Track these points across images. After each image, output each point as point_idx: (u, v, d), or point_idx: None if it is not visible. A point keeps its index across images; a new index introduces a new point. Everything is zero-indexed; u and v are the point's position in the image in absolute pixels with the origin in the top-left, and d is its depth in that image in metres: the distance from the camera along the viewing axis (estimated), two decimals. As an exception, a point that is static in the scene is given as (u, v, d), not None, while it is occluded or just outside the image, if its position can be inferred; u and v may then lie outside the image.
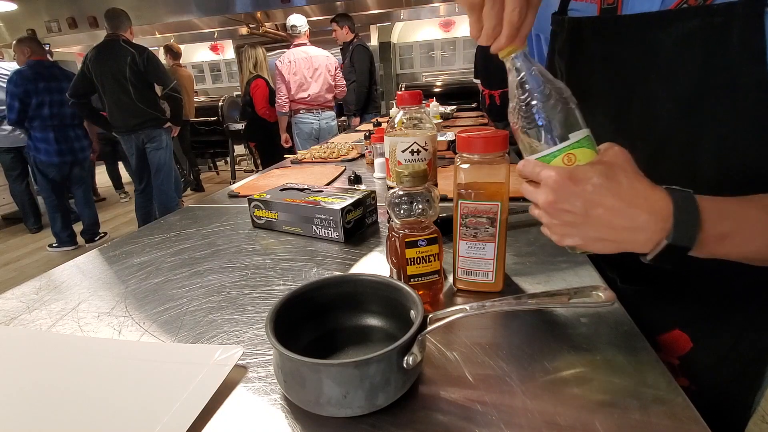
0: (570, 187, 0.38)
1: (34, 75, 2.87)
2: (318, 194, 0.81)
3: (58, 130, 3.00)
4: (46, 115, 2.93)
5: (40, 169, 3.09)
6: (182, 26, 5.31)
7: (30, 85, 2.85)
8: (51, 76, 2.93)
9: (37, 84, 2.87)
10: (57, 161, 3.04)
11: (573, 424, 0.33)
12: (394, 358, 0.35)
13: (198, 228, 0.87)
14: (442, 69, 6.99)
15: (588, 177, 0.38)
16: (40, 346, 0.49)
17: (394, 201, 0.49)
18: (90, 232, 3.34)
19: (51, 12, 4.83)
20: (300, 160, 1.54)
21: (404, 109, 0.67)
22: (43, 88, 2.89)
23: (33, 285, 0.66)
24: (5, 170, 3.61)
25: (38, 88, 2.87)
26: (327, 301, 0.45)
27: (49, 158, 3.02)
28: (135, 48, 2.68)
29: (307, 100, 3.13)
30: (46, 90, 2.89)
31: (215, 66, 8.01)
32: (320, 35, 3.34)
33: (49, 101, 2.91)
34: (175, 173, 3.18)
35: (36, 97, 2.88)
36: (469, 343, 0.44)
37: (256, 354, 0.45)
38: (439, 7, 5.31)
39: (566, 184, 0.38)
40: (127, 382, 0.41)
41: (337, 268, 0.65)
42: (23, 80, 2.83)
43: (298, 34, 3.07)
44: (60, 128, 3.00)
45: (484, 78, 1.24)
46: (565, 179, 0.38)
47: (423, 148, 0.64)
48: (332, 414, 0.35)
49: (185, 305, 0.57)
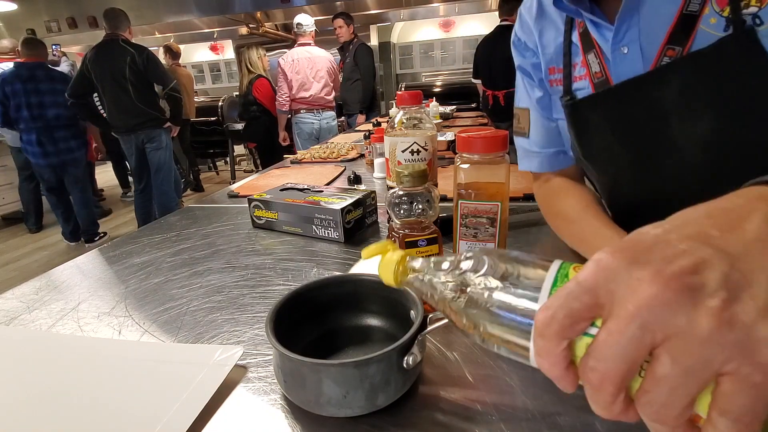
0: None
1: (12, 77, 2.85)
2: (318, 194, 0.81)
3: (41, 132, 2.95)
4: (27, 117, 2.90)
5: (35, 169, 3.12)
6: (182, 26, 5.31)
7: (8, 87, 2.84)
8: (30, 78, 2.87)
9: (14, 86, 2.84)
10: (43, 163, 3.03)
11: (573, 424, 0.33)
12: (394, 358, 0.35)
13: (198, 228, 0.87)
14: (442, 69, 6.99)
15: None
16: (40, 346, 0.49)
17: (394, 201, 0.49)
18: (88, 233, 3.33)
19: (51, 12, 4.83)
20: (300, 160, 1.54)
21: (404, 109, 0.67)
22: (21, 89, 2.85)
23: (33, 285, 0.66)
24: (18, 169, 3.63)
25: (15, 89, 2.84)
26: (327, 301, 0.45)
27: (36, 160, 3.02)
28: (135, 48, 2.68)
29: (308, 100, 3.13)
30: (24, 92, 2.86)
31: (215, 66, 8.01)
32: (320, 35, 3.34)
33: (27, 103, 2.87)
34: (175, 173, 3.18)
35: (14, 99, 2.86)
36: (469, 343, 0.44)
37: (256, 354, 0.45)
38: (438, 7, 5.31)
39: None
40: (127, 382, 0.41)
41: (337, 268, 0.65)
42: (1, 83, 2.85)
43: (303, 33, 3.07)
44: (43, 130, 2.95)
45: (486, 79, 1.25)
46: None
47: (423, 148, 0.64)
48: (332, 414, 0.35)
49: (185, 305, 0.57)
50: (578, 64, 0.57)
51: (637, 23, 0.48)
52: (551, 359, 0.21)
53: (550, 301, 0.21)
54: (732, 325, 0.17)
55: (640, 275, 0.19)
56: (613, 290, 0.19)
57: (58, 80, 2.96)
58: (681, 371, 0.18)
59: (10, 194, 4.03)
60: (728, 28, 0.42)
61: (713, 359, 0.17)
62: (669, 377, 0.18)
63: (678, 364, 0.18)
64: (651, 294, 0.18)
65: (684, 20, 0.45)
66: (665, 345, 0.18)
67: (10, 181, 4.02)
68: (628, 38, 0.49)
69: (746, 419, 0.17)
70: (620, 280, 0.19)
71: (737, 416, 0.17)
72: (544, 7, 0.60)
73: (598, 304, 0.20)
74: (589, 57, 0.54)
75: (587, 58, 0.55)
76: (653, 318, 0.18)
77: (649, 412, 0.19)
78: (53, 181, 3.13)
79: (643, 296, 0.18)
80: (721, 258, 0.19)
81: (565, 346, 0.21)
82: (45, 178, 3.12)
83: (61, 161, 3.05)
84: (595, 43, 0.53)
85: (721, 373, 0.17)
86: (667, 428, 0.19)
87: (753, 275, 0.18)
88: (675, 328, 0.18)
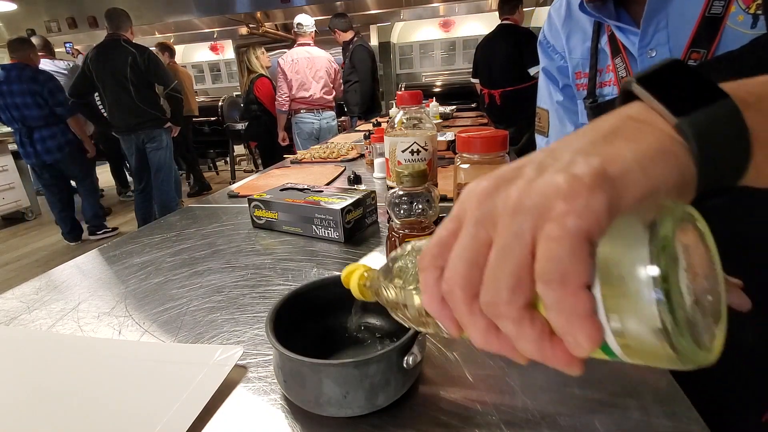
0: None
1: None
2: (318, 194, 0.81)
3: (23, 133, 2.97)
4: (9, 118, 2.93)
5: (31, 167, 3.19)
6: (182, 26, 5.31)
7: None
8: (10, 79, 2.87)
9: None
10: (29, 162, 3.07)
11: (573, 424, 0.33)
12: (394, 358, 0.35)
13: (198, 228, 0.87)
14: (442, 69, 6.99)
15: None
16: (40, 346, 0.49)
17: (394, 201, 0.49)
18: (92, 224, 3.38)
19: (51, 12, 4.83)
20: (300, 160, 1.54)
21: (404, 109, 0.67)
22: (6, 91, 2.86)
23: (33, 285, 0.66)
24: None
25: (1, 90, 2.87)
26: (327, 301, 0.45)
27: (24, 159, 3.07)
28: (136, 48, 2.68)
29: (308, 100, 3.13)
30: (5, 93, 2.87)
31: (215, 66, 8.00)
32: (319, 35, 3.33)
33: (4, 104, 2.89)
34: (175, 173, 3.18)
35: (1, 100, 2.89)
36: (469, 343, 0.44)
37: (256, 354, 0.45)
38: (439, 7, 5.31)
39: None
40: (127, 382, 0.41)
41: (337, 268, 0.65)
42: None
43: (303, 33, 3.06)
44: (25, 131, 2.97)
45: (486, 78, 1.25)
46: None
47: (423, 148, 0.64)
48: (332, 414, 0.35)
49: (185, 305, 0.57)
50: (605, 70, 0.56)
51: (665, 27, 0.48)
52: (428, 291, 0.21)
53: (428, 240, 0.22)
54: (530, 194, 0.18)
55: (483, 185, 0.20)
56: (466, 208, 0.21)
57: (42, 81, 2.92)
58: (502, 251, 0.18)
59: (10, 194, 4.03)
60: (755, 25, 0.42)
61: (522, 230, 0.17)
62: (493, 262, 0.18)
63: (498, 246, 0.18)
64: (480, 192, 0.20)
65: (707, 22, 0.44)
66: (494, 236, 0.19)
67: (11, 181, 4.03)
68: (656, 41, 0.49)
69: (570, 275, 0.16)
70: (471, 197, 0.20)
71: (551, 278, 0.16)
72: (573, 10, 0.59)
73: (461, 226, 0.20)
74: (616, 61, 0.54)
75: (615, 62, 0.54)
76: (482, 212, 0.19)
77: (489, 310, 0.19)
78: (48, 177, 3.15)
79: (475, 198, 0.20)
80: (545, 154, 0.20)
81: (438, 276, 0.21)
82: (40, 174, 3.15)
83: (41, 162, 3.05)
84: (621, 47, 0.53)
85: (534, 244, 0.17)
86: (509, 322, 0.18)
87: (561, 154, 0.19)
88: (495, 213, 0.19)
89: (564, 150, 0.19)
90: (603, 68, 0.56)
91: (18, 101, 2.87)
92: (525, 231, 0.17)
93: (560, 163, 0.18)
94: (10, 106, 2.90)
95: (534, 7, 5.60)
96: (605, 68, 0.56)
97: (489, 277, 0.18)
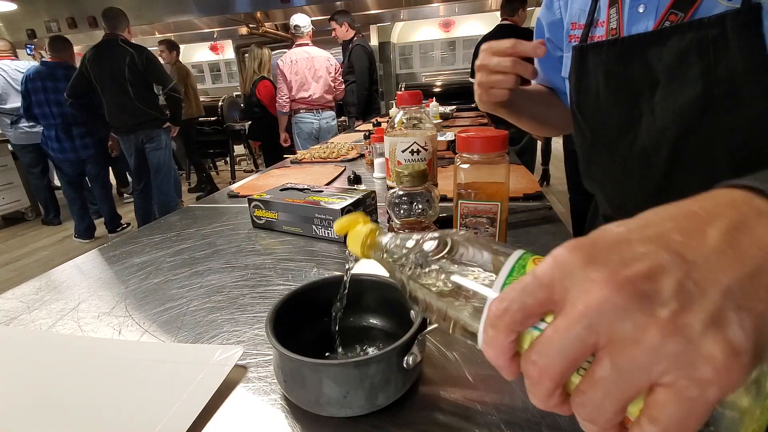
0: None
1: (35, 74, 3.01)
2: (318, 194, 0.81)
3: (60, 129, 3.10)
4: (48, 113, 3.05)
5: (56, 164, 3.27)
6: (182, 26, 5.30)
7: (30, 84, 3.00)
8: (49, 76, 3.02)
9: (35, 83, 3.00)
10: (61, 158, 3.17)
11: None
12: (394, 358, 0.35)
13: (198, 228, 0.87)
14: (442, 69, 7.00)
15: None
16: (40, 346, 0.49)
17: (394, 201, 0.49)
18: (111, 224, 3.47)
19: (50, 12, 4.82)
20: (300, 160, 1.54)
21: (404, 109, 0.67)
22: (41, 87, 3.00)
23: (33, 285, 0.66)
24: (28, 167, 3.70)
25: (36, 86, 3.00)
26: (327, 301, 0.45)
27: (55, 155, 3.18)
28: (134, 48, 2.68)
29: (308, 100, 3.13)
30: (43, 89, 3.00)
31: (215, 66, 8.01)
32: (320, 35, 3.32)
33: (46, 100, 3.01)
34: (175, 173, 3.18)
35: (35, 96, 3.01)
36: (469, 343, 0.44)
37: (256, 354, 0.45)
38: (438, 7, 5.30)
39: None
40: (127, 382, 0.41)
41: (337, 268, 0.65)
42: (25, 80, 3.02)
43: (301, 34, 3.06)
44: (62, 127, 3.09)
45: None
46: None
47: (423, 148, 0.64)
48: (332, 414, 0.35)
49: (185, 305, 0.57)
50: (599, 23, 0.58)
51: None
52: (498, 350, 0.21)
53: (505, 293, 0.21)
54: (676, 337, 0.17)
55: (594, 276, 0.19)
56: (567, 288, 0.19)
57: None
58: (618, 376, 0.18)
59: (10, 194, 4.03)
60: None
61: (652, 368, 0.17)
62: (606, 381, 0.18)
63: (616, 369, 0.18)
64: (602, 297, 0.18)
65: None
66: (608, 348, 0.18)
67: (11, 181, 4.03)
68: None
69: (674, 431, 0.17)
70: (575, 279, 0.19)
71: (666, 426, 0.17)
72: None
73: (551, 300, 0.20)
74: (611, 11, 0.56)
75: (609, 12, 0.56)
76: (600, 321, 0.18)
77: (582, 412, 0.19)
78: (73, 175, 3.27)
79: (593, 298, 0.18)
80: (678, 265, 0.18)
81: (513, 338, 0.21)
82: (65, 171, 3.26)
83: (77, 157, 3.18)
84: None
85: (658, 383, 0.17)
86: (597, 428, 0.19)
87: (706, 286, 0.18)
88: (620, 333, 0.18)
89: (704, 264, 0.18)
90: (598, 20, 0.59)
91: (61, 99, 2.96)
92: (655, 371, 0.17)
93: (707, 302, 0.17)
94: (52, 102, 3.01)
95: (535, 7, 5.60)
96: (600, 21, 0.58)
97: (594, 389, 0.18)
